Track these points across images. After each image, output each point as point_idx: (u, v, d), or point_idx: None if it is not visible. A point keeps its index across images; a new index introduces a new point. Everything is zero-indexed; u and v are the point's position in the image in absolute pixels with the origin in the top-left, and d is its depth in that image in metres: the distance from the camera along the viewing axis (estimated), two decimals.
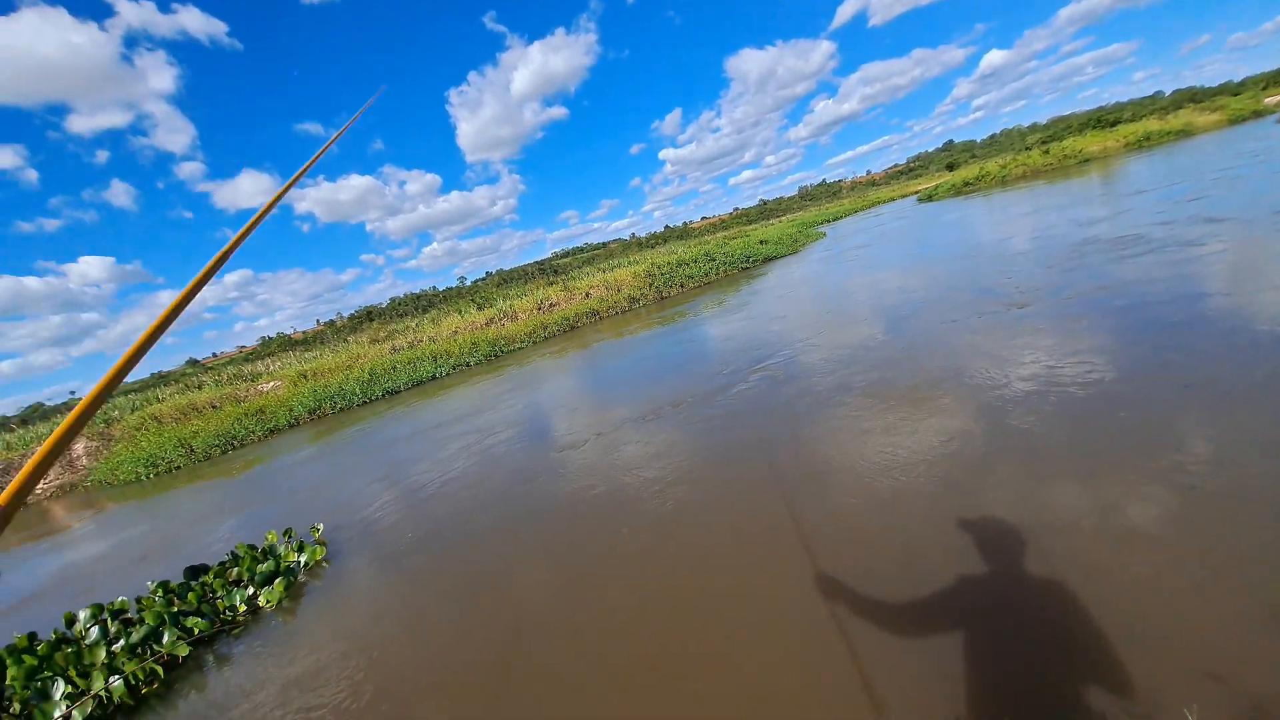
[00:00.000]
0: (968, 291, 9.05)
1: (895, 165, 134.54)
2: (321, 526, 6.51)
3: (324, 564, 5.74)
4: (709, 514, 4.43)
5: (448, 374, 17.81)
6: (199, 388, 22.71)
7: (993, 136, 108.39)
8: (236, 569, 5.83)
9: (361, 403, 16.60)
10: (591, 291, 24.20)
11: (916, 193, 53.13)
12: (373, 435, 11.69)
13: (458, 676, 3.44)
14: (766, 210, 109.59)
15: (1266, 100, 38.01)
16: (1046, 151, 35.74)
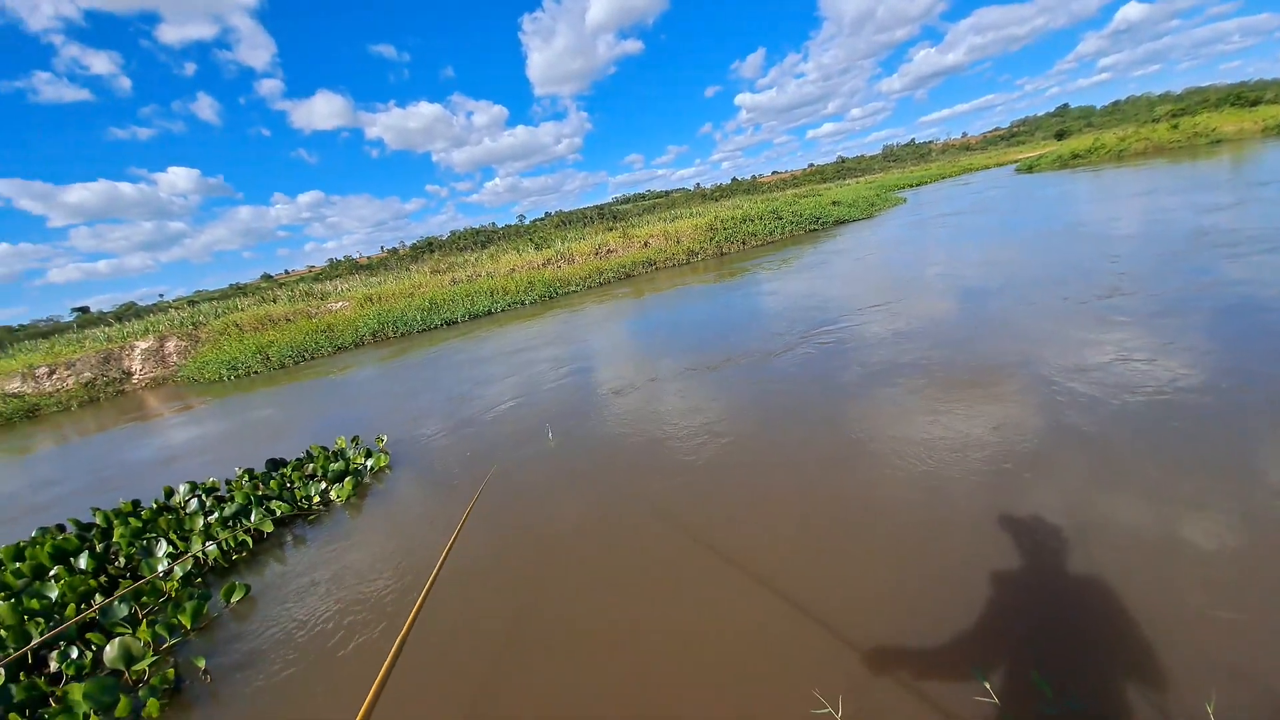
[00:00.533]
0: (1051, 275, 8.40)
1: (996, 129, 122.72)
2: (385, 438, 6.99)
3: (387, 470, 6.20)
4: (737, 477, 4.48)
5: (503, 310, 18.30)
6: (274, 301, 24.30)
7: (1116, 104, 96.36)
8: (311, 465, 6.40)
9: (421, 329, 17.37)
10: (650, 241, 23.91)
11: (1016, 162, 48.61)
12: (432, 361, 12.28)
13: (486, 581, 3.73)
14: (845, 169, 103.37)
15: None
16: (1175, 126, 31.56)
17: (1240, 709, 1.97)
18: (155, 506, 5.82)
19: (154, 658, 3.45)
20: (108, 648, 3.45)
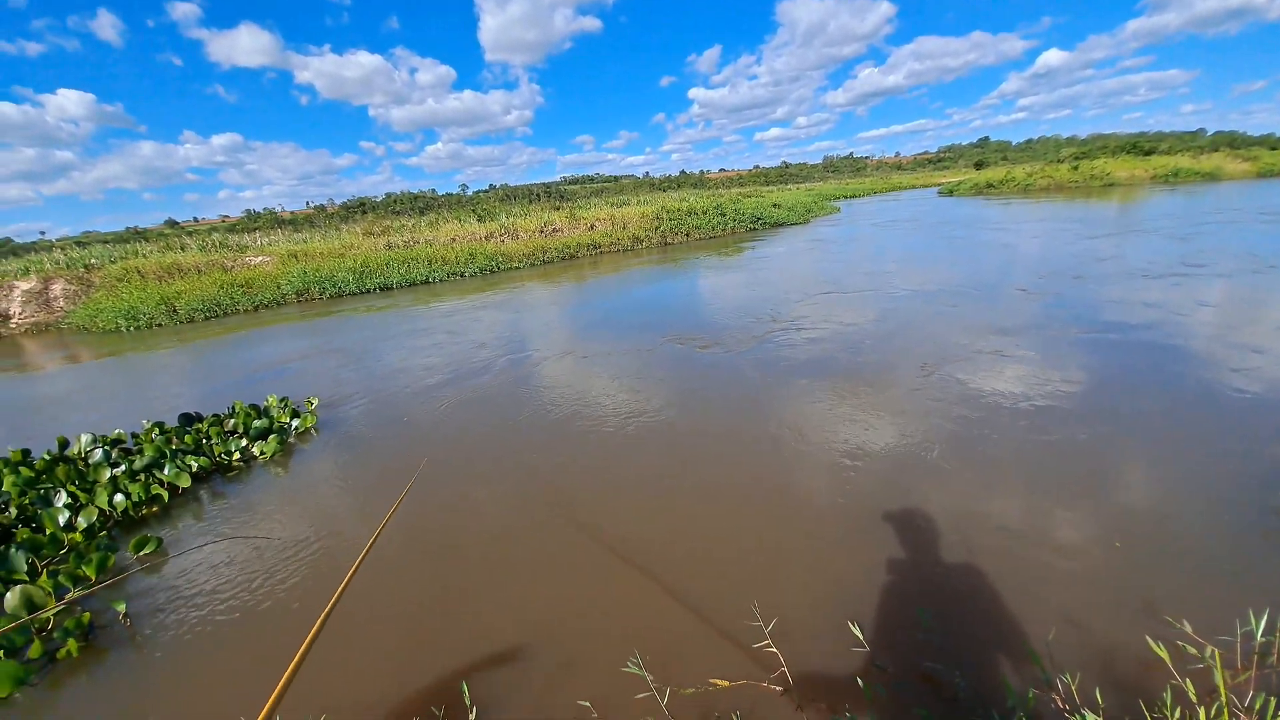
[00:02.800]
0: (954, 287, 9.40)
1: (925, 153, 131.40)
2: (317, 400, 6.82)
3: (314, 431, 6.09)
4: (647, 446, 4.87)
5: (441, 280, 17.80)
6: (182, 249, 22.24)
7: (1029, 141, 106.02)
8: (233, 420, 6.17)
9: (352, 293, 16.60)
10: (597, 224, 23.93)
11: (939, 185, 52.39)
12: (363, 325, 11.86)
13: (403, 563, 3.87)
14: (788, 174, 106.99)
15: None
16: (1075, 168, 35.35)
17: (1069, 645, 2.50)
18: (49, 457, 5.44)
19: (60, 606, 3.36)
20: (8, 595, 3.32)
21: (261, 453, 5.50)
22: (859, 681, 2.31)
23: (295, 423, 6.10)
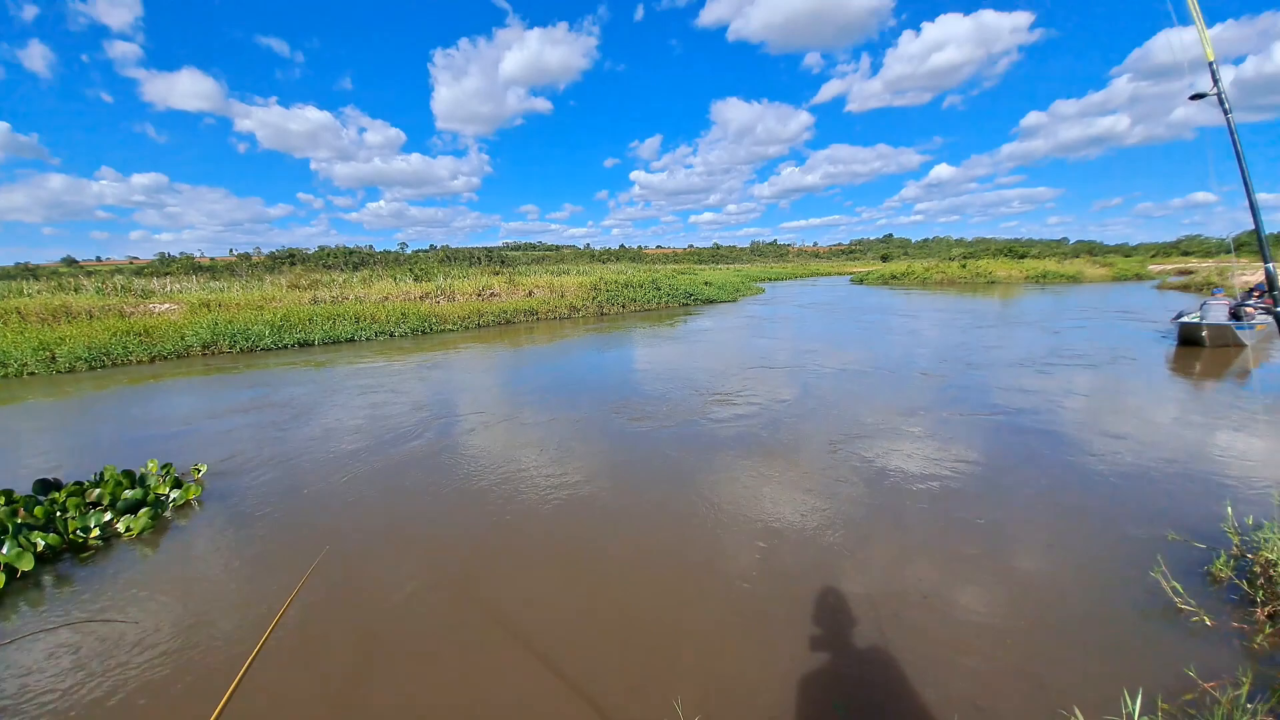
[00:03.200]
0: (867, 365, 10.17)
1: (839, 244, 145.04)
2: (205, 468, 6.22)
3: (196, 504, 5.50)
4: (567, 521, 4.81)
5: (368, 339, 17.16)
6: (75, 290, 20.29)
7: (925, 241, 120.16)
8: (99, 490, 5.46)
9: (267, 348, 15.61)
10: (535, 291, 24.22)
11: (851, 274, 57.49)
12: (273, 383, 11.10)
13: (288, 644, 3.54)
14: (719, 255, 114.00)
15: (1151, 267, 44.47)
16: (964, 266, 40.35)
17: None
18: None
19: None
20: None
21: (128, 529, 4.87)
22: None
23: (175, 494, 5.49)
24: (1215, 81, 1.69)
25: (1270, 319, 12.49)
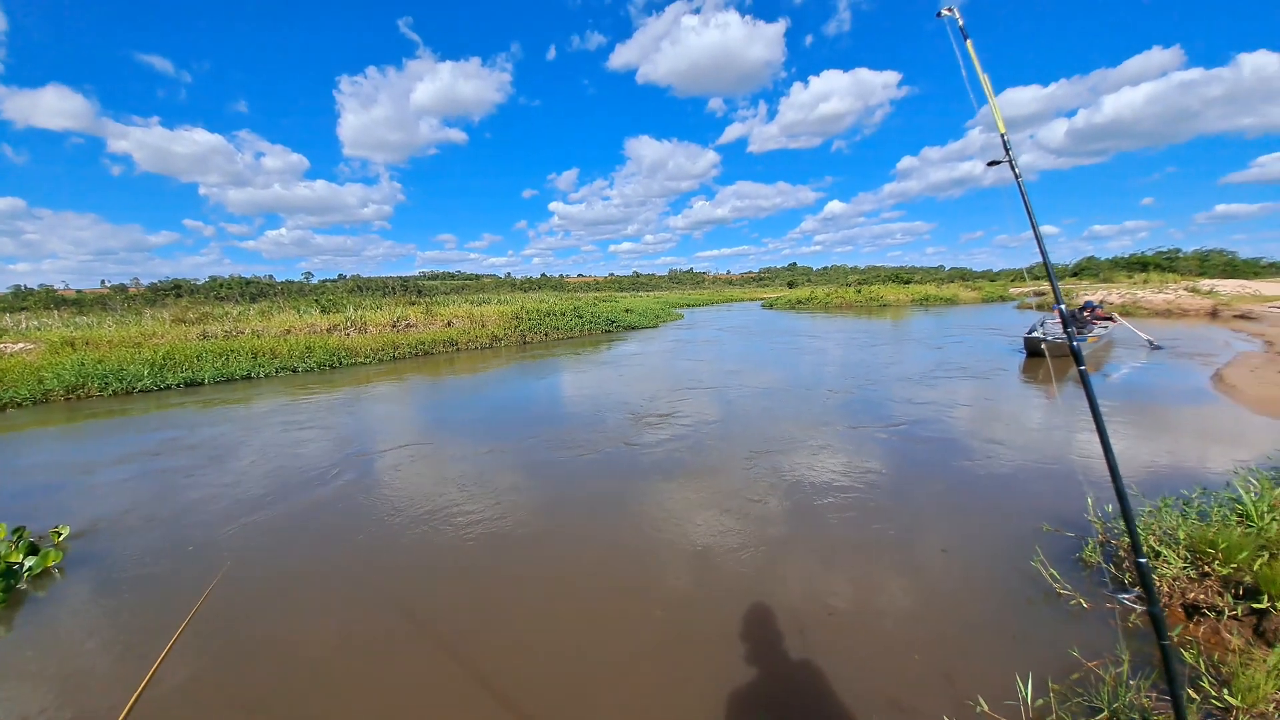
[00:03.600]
0: (782, 384, 10.93)
1: (749, 272, 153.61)
2: (67, 530, 5.55)
3: (57, 573, 4.91)
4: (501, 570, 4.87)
5: (267, 375, 15.93)
6: None
7: (825, 269, 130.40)
8: None
9: (146, 389, 14.07)
10: (455, 321, 23.62)
11: (761, 299, 60.97)
12: (153, 429, 10.07)
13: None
14: (639, 282, 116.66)
15: (1012, 289, 50.69)
16: (859, 291, 44.75)
17: None
18: None
19: None
20: None
21: None
22: None
23: (31, 561, 4.88)
24: (1006, 150, 2.11)
25: (1103, 331, 14.96)
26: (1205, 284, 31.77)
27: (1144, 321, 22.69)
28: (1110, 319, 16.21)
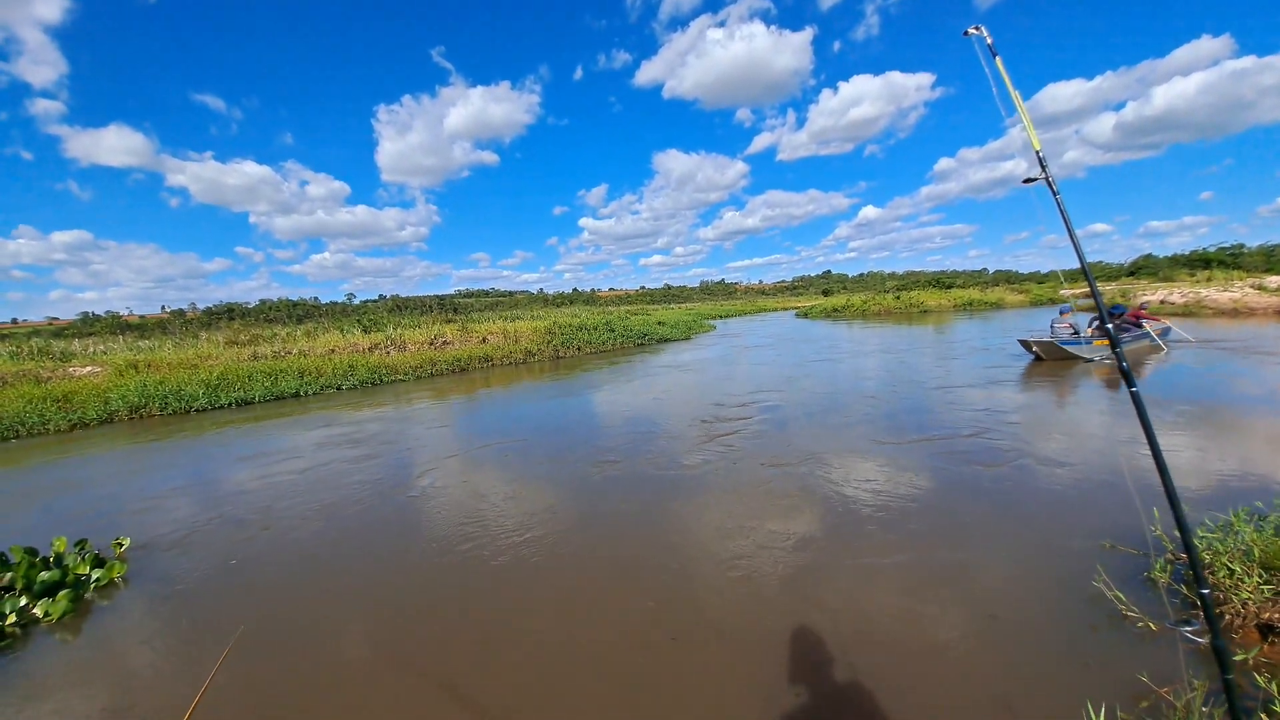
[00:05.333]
0: (821, 396, 10.67)
1: (782, 281, 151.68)
2: (128, 541, 5.85)
3: (120, 583, 5.17)
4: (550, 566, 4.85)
5: (314, 393, 16.57)
6: None
7: (861, 275, 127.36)
8: (10, 574, 5.07)
9: (202, 408, 14.83)
10: (489, 337, 24.11)
11: (796, 308, 59.91)
12: (208, 446, 10.57)
13: None
14: (670, 295, 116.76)
15: (1063, 291, 48.30)
16: (898, 298, 43.13)
17: None
18: None
19: None
20: None
21: (46, 614, 4.54)
22: None
23: (97, 574, 5.14)
24: (1043, 168, 2.02)
25: (1126, 336, 14.34)
26: (1273, 280, 29.55)
27: (1209, 322, 21.27)
28: (1137, 322, 15.05)
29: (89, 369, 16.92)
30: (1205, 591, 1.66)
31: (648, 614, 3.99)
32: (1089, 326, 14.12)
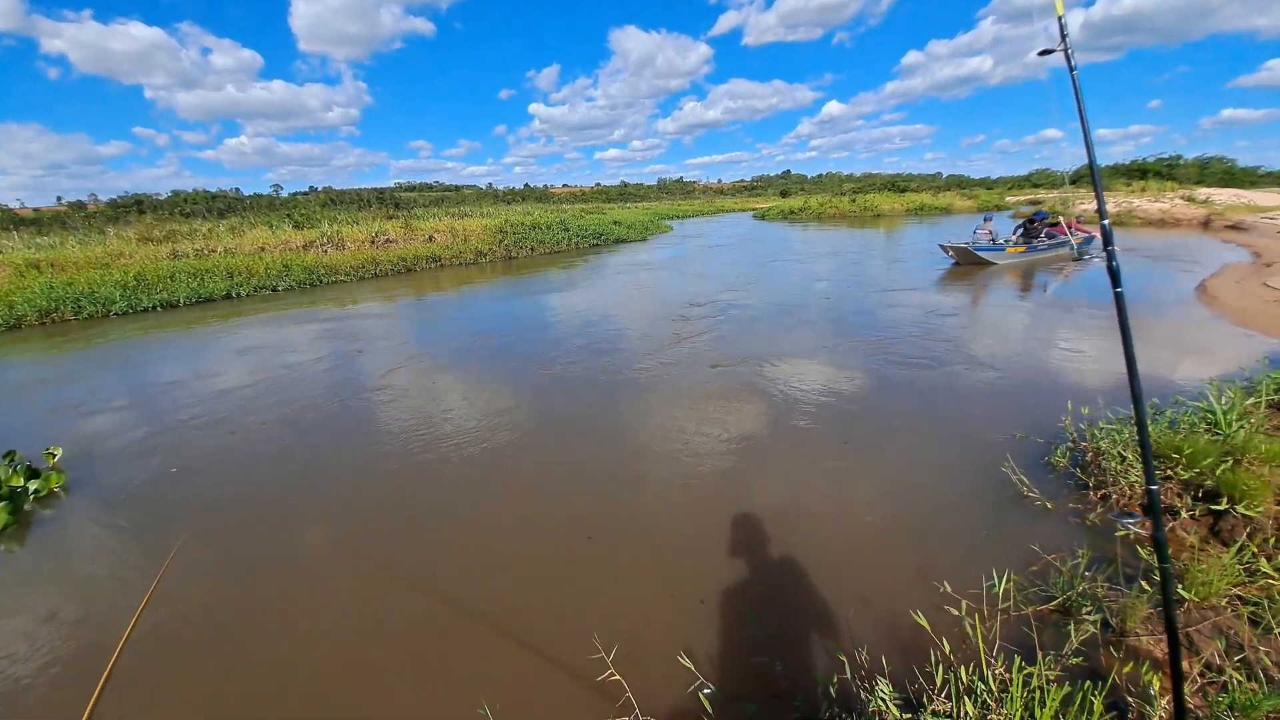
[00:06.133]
0: (777, 298, 10.89)
1: (741, 180, 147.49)
2: (60, 451, 5.57)
3: (61, 493, 5.00)
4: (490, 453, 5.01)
5: (246, 295, 15.53)
6: None
7: (819, 176, 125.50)
8: None
9: (122, 312, 13.69)
10: (436, 236, 22.79)
11: (753, 209, 59.08)
12: (138, 351, 9.92)
13: (187, 655, 3.52)
14: (626, 193, 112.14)
15: (1008, 198, 49.32)
16: (853, 201, 43.30)
17: (866, 620, 2.97)
18: None
19: None
20: None
21: None
22: (698, 692, 2.39)
23: (34, 484, 4.93)
24: (1063, 37, 1.76)
25: (1039, 245, 15.10)
26: (1202, 193, 31.11)
27: (1136, 232, 22.47)
28: (1060, 229, 15.57)
29: None
30: (1154, 488, 1.76)
31: (591, 508, 4.25)
32: (1014, 233, 15.33)
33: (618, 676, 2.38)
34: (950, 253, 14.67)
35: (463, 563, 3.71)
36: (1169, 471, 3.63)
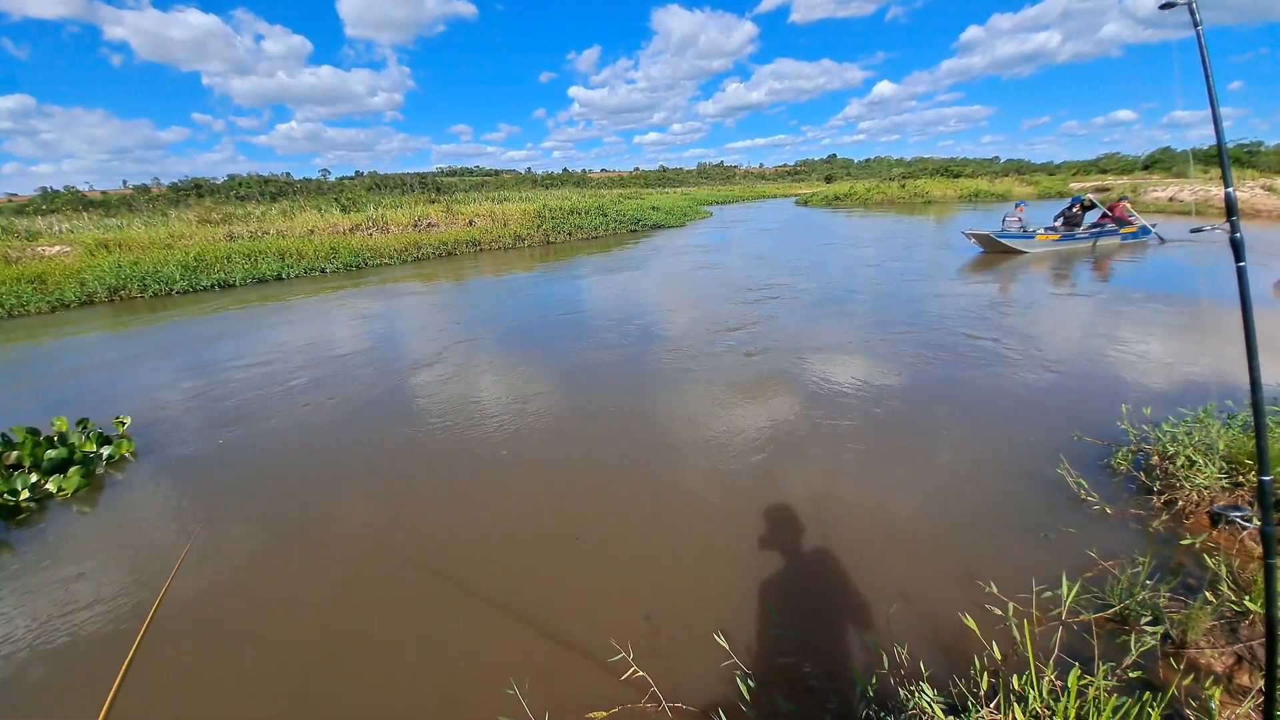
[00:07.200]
0: (818, 292, 10.59)
1: (784, 164, 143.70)
2: (129, 419, 5.93)
3: (131, 458, 5.34)
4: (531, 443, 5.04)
5: (296, 276, 16.15)
6: None
7: (867, 161, 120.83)
8: (17, 453, 5.18)
9: (182, 290, 14.46)
10: (476, 220, 23.13)
11: (796, 195, 57.47)
12: (199, 330, 10.45)
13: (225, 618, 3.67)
14: (665, 178, 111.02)
15: (1072, 184, 46.32)
16: (903, 187, 41.30)
17: (907, 618, 2.88)
18: None
19: None
20: None
21: (60, 489, 4.70)
22: (732, 686, 2.37)
23: (107, 450, 5.27)
24: None
25: (1073, 233, 14.83)
26: None
27: (1212, 222, 20.75)
28: (1102, 217, 15.36)
29: (58, 248, 16.16)
30: (1266, 478, 1.60)
31: (630, 490, 4.23)
32: (1055, 221, 15.12)
33: (643, 673, 2.36)
34: (974, 240, 14.33)
35: (498, 551, 3.73)
36: (1241, 479, 3.40)
